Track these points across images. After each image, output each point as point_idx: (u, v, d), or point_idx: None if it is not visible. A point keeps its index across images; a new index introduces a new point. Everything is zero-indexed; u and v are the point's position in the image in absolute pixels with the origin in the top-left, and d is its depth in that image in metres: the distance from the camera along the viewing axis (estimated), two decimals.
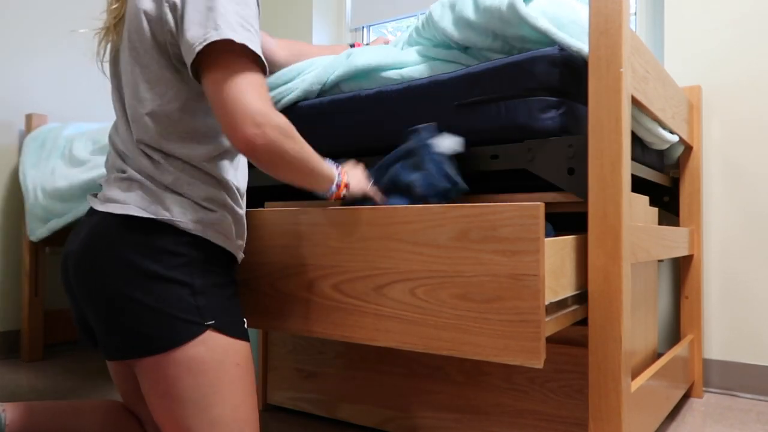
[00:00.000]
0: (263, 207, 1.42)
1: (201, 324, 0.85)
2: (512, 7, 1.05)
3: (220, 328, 0.87)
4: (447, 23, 1.17)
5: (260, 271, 1.08)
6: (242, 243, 0.99)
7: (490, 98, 1.09)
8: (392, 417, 1.25)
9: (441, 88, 1.15)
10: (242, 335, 0.90)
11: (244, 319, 0.94)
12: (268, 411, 1.46)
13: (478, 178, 1.27)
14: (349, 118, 1.27)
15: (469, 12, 1.12)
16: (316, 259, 1.03)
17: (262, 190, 1.49)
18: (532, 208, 0.82)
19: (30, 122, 2.15)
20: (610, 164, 0.92)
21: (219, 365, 0.85)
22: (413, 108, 1.18)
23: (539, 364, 0.81)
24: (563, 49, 1.04)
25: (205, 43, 0.79)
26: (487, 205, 0.86)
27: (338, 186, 0.96)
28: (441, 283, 0.91)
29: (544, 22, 1.05)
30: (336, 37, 2.66)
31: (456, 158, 1.09)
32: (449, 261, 0.90)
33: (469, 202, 1.13)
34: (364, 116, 1.25)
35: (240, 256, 0.98)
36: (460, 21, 1.14)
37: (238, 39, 0.80)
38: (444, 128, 1.15)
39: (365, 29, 2.63)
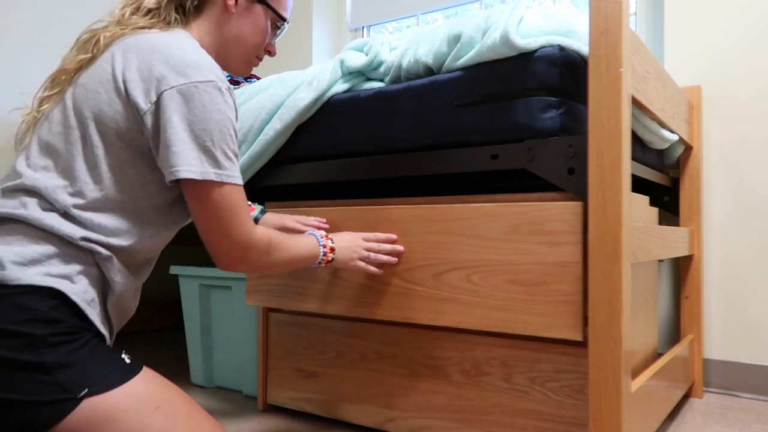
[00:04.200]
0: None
1: (73, 398, 0.74)
2: (506, 39, 1.04)
3: (104, 388, 0.76)
4: (462, 63, 1.14)
5: None
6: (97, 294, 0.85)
7: (490, 98, 1.08)
8: (392, 417, 1.25)
9: (441, 87, 1.14)
10: (130, 375, 0.80)
11: (122, 356, 0.83)
12: (268, 411, 1.46)
13: (478, 178, 1.27)
14: (350, 117, 1.27)
15: (473, 55, 1.11)
16: None
17: (261, 190, 1.49)
18: (573, 206, 0.98)
19: None
20: (610, 164, 0.92)
21: (137, 420, 0.76)
22: (413, 108, 1.18)
23: (579, 337, 0.98)
24: (563, 48, 1.04)
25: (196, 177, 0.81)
26: (535, 203, 1.02)
27: (324, 256, 1.05)
28: (494, 270, 1.05)
29: (542, 40, 1.04)
30: (336, 37, 2.66)
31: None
32: (501, 251, 1.05)
33: (469, 202, 1.13)
34: (364, 116, 1.25)
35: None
36: (470, 63, 1.13)
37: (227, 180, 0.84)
38: (444, 128, 1.14)
39: (365, 29, 2.63)
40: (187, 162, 0.80)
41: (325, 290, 1.27)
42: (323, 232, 1.08)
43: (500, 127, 1.08)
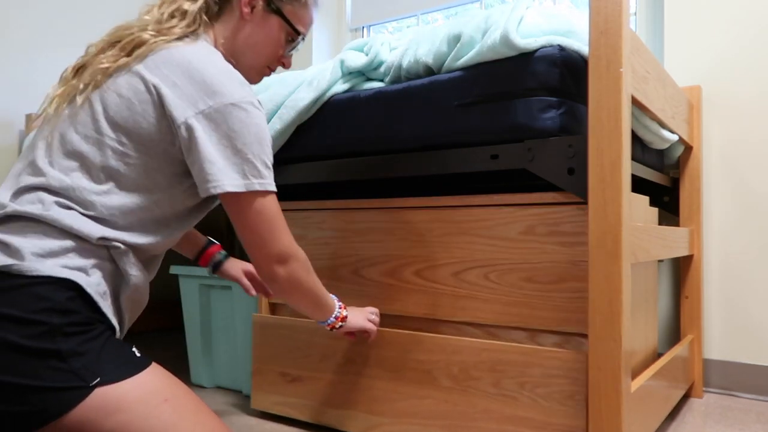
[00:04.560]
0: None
1: (86, 386, 0.75)
2: (506, 39, 1.04)
3: (115, 378, 0.77)
4: (463, 63, 1.13)
5: (346, 260, 1.30)
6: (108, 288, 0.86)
7: (490, 98, 1.08)
8: (378, 423, 1.22)
9: (441, 87, 1.14)
10: (140, 368, 0.81)
11: (132, 349, 0.85)
12: (252, 416, 1.43)
13: (478, 178, 1.27)
14: (350, 117, 1.27)
15: (473, 55, 1.10)
16: (401, 251, 1.23)
17: None
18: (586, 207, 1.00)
19: (30, 122, 2.15)
20: (610, 164, 0.92)
21: (146, 411, 0.77)
22: (413, 108, 1.18)
23: None
24: (563, 48, 1.04)
25: (240, 190, 0.84)
26: (550, 204, 1.04)
27: (336, 318, 1.08)
28: (511, 268, 1.09)
29: (542, 40, 1.04)
30: (336, 37, 2.65)
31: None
32: (518, 251, 1.08)
33: (468, 203, 1.13)
34: (364, 116, 1.25)
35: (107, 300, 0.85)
36: (470, 63, 1.12)
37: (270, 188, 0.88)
38: (444, 128, 1.14)
39: (365, 29, 2.63)
40: (229, 176, 0.83)
41: (348, 289, 1.28)
42: (341, 303, 1.11)
43: (500, 127, 1.07)
